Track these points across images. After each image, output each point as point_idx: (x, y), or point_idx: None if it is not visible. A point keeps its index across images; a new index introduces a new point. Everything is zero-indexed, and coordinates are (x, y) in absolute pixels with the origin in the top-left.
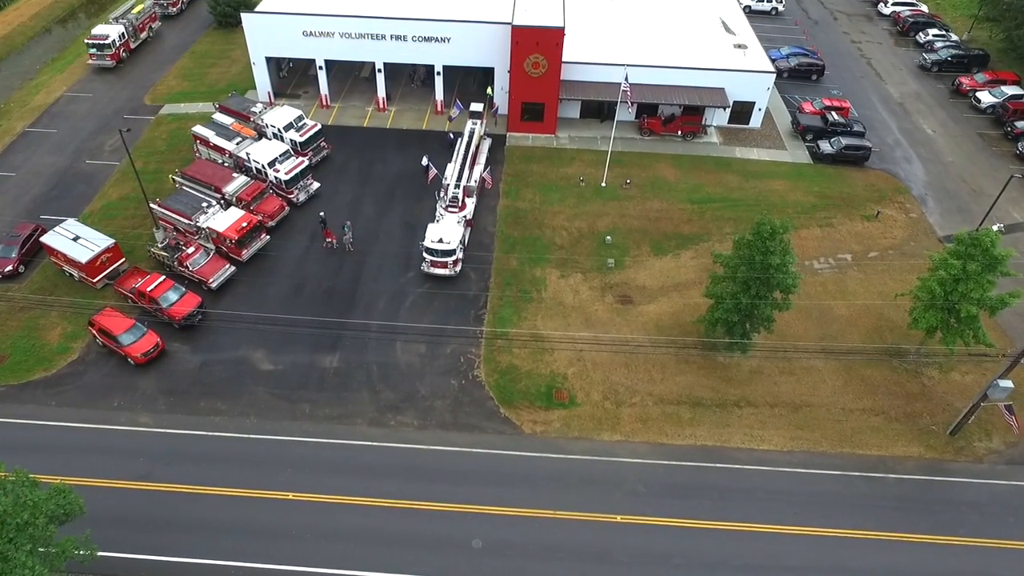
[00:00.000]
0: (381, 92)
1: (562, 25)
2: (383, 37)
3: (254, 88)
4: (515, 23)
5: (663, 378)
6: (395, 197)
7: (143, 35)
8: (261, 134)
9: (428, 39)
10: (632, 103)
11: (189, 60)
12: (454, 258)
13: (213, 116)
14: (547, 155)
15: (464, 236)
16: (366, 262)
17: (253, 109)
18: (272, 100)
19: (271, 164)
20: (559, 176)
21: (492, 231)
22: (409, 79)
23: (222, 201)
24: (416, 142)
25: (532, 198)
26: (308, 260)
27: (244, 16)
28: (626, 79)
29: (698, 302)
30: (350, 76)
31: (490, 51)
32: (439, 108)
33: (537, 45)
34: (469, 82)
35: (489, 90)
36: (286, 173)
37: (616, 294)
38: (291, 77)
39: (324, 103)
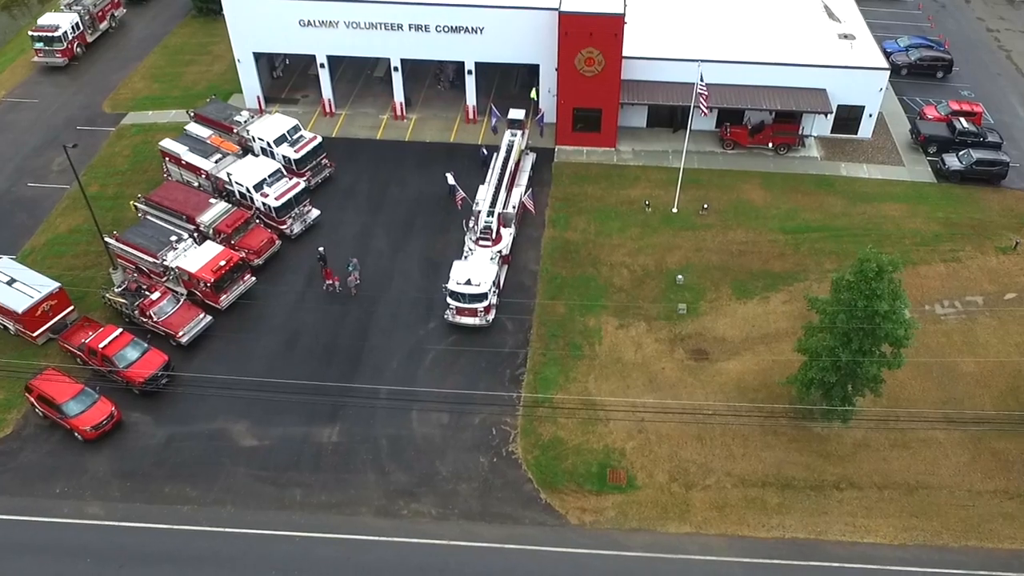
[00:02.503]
0: (399, 96)
1: (622, 12)
2: (400, 27)
3: (240, 92)
4: (563, 9)
5: (745, 453)
6: (414, 227)
7: (103, 25)
8: (246, 149)
9: (456, 29)
10: (710, 108)
11: (160, 56)
12: (486, 304)
13: (186, 128)
14: (605, 174)
15: (499, 276)
16: (376, 310)
17: (237, 118)
18: (262, 107)
19: (258, 187)
20: (619, 200)
21: (534, 269)
22: (435, 79)
23: (196, 234)
24: (441, 158)
25: (585, 228)
26: (303, 307)
27: (226, 1)
28: (701, 79)
29: (790, 358)
30: (360, 76)
31: (533, 44)
32: (471, 116)
33: (591, 37)
34: (508, 83)
35: (533, 93)
36: (277, 198)
37: (688, 348)
38: (286, 77)
39: (328, 110)
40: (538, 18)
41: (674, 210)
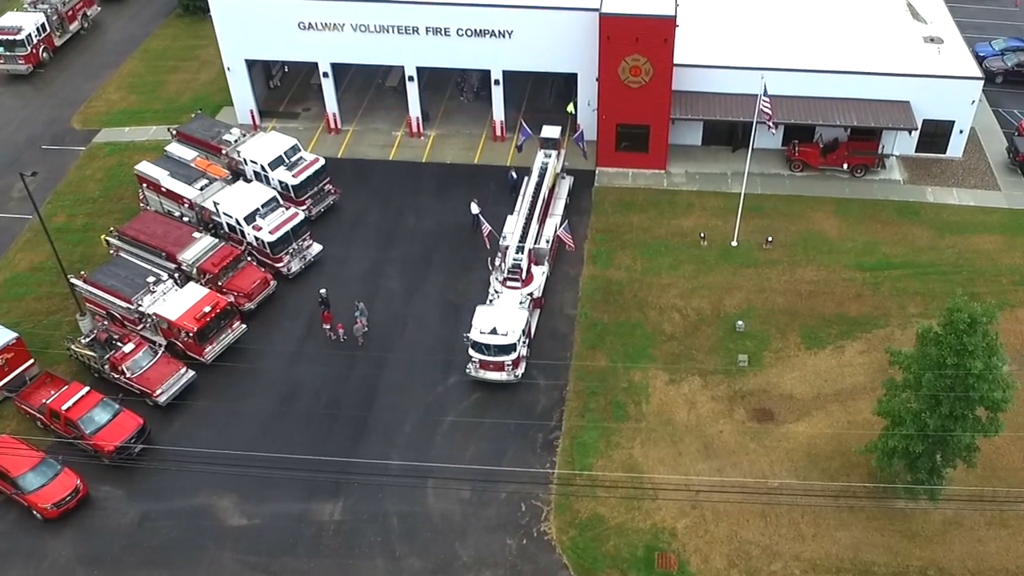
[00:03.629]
0: (414, 110)
1: (672, 13)
2: (415, 31)
3: (231, 104)
4: (605, 10)
5: (816, 534)
6: (431, 265)
7: (73, 27)
8: (237, 174)
9: (481, 33)
10: (774, 124)
11: (140, 62)
12: (514, 356)
13: (167, 148)
14: (653, 200)
15: (529, 324)
16: (386, 362)
17: (226, 137)
18: (256, 123)
19: (250, 219)
20: (670, 231)
21: (571, 314)
22: (457, 90)
23: (177, 274)
24: (464, 183)
25: (631, 265)
26: (302, 360)
27: (213, 1)
28: (764, 91)
29: (868, 419)
30: (370, 86)
31: (570, 50)
32: (498, 133)
33: (637, 42)
34: (541, 95)
35: (570, 107)
36: (272, 232)
37: (750, 407)
38: (285, 88)
39: (333, 126)
40: (575, 20)
41: (733, 243)
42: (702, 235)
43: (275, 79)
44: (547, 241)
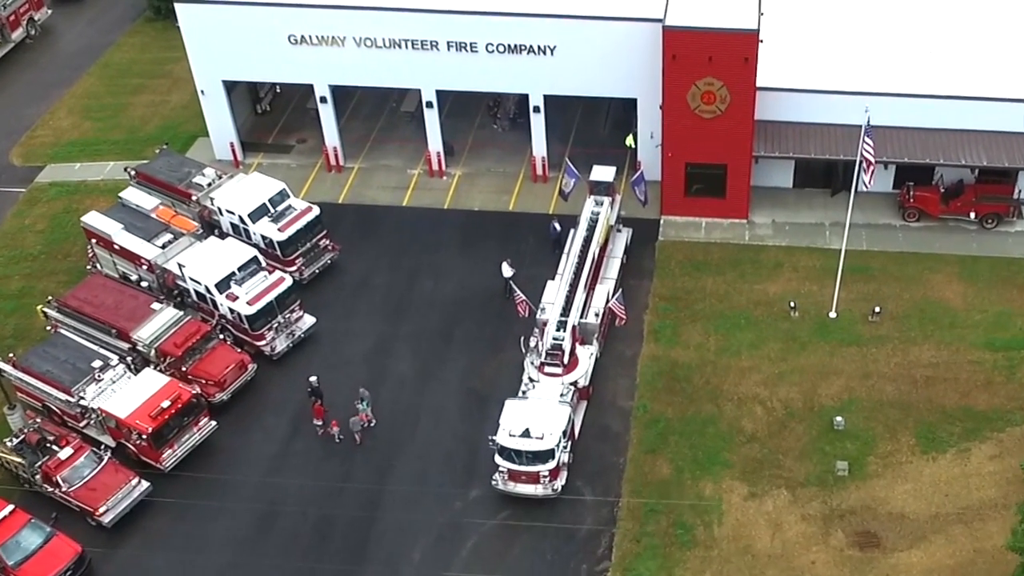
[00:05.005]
0: (435, 143)
1: (755, 26)
2: (435, 46)
3: (206, 135)
4: (669, 22)
5: None
6: (452, 342)
7: (16, 34)
8: (210, 226)
9: (517, 49)
10: (873, 166)
11: (98, 80)
12: (552, 465)
13: (121, 195)
14: (732, 258)
15: (573, 422)
16: (392, 470)
17: (198, 179)
18: (238, 158)
19: (223, 285)
20: (752, 299)
21: (626, 407)
22: (489, 116)
23: (132, 357)
24: (495, 235)
25: (702, 342)
26: (285, 467)
27: (180, 8)
28: (867, 128)
29: (998, 544)
30: (381, 112)
31: (627, 71)
32: (539, 171)
33: (711, 62)
34: (593, 124)
35: (629, 139)
36: (251, 302)
37: (851, 530)
38: (275, 113)
39: (333, 162)
40: (633, 33)
41: (832, 314)
42: (792, 304)
43: (264, 103)
44: (596, 314)
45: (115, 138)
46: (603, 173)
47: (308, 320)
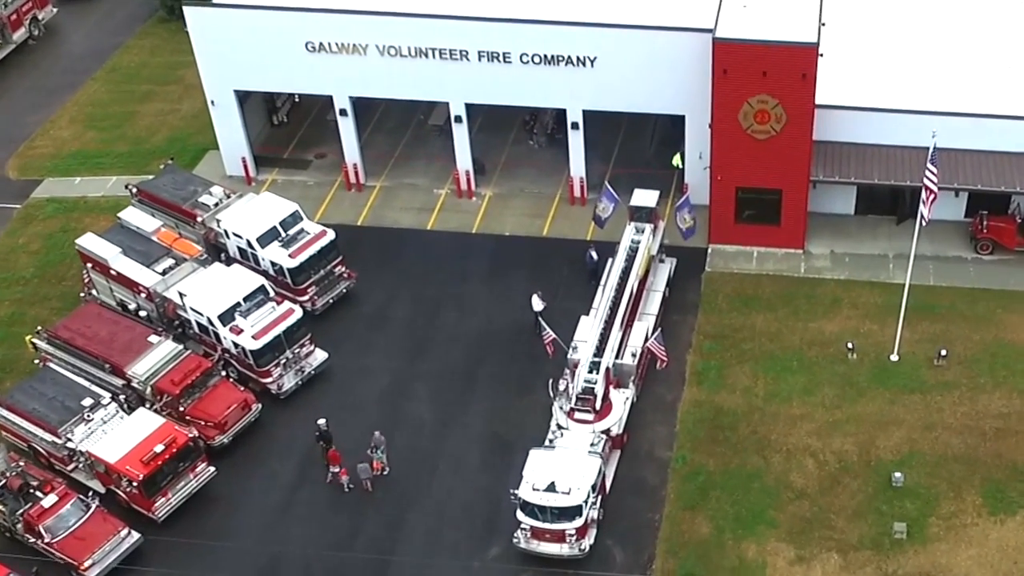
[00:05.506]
0: (464, 161)
1: (815, 40)
2: (464, 56)
3: (217, 148)
4: (720, 34)
5: None
6: (475, 383)
7: (18, 35)
8: (216, 250)
9: (554, 60)
10: (935, 196)
11: (103, 86)
12: (579, 523)
13: (120, 215)
14: (785, 293)
15: (604, 474)
16: (405, 523)
17: (204, 199)
18: (250, 175)
19: (227, 317)
20: (807, 338)
21: (664, 458)
22: (525, 131)
23: (125, 395)
24: (527, 263)
25: (750, 386)
26: (290, 518)
27: (189, 12)
28: (932, 155)
29: None
30: (408, 126)
31: (674, 85)
32: (576, 193)
33: (764, 77)
34: (638, 142)
35: (676, 159)
36: (256, 336)
37: None
38: (294, 125)
39: (353, 180)
40: (680, 44)
41: (893, 357)
42: (850, 345)
43: (280, 113)
44: (634, 354)
45: (119, 150)
46: (645, 198)
47: (319, 356)
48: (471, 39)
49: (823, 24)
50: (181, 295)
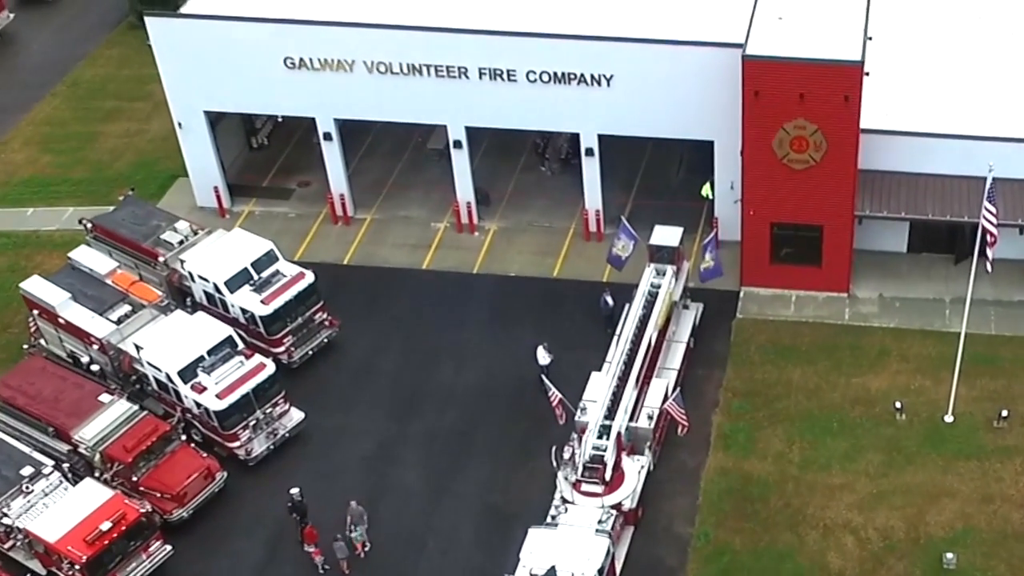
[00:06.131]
0: (465, 191)
1: (859, 58)
2: (464, 73)
3: (186, 175)
4: (750, 51)
5: None
6: (472, 446)
7: None
8: (182, 294)
9: (564, 79)
10: (996, 239)
11: (64, 102)
12: None
13: (72, 256)
14: (826, 343)
15: (612, 556)
16: None
17: (167, 235)
18: (224, 206)
19: (187, 373)
20: (850, 396)
21: (683, 535)
22: (538, 156)
23: (70, 462)
24: (534, 308)
25: (783, 451)
26: None
27: (152, 22)
28: (988, 191)
29: None
30: (404, 150)
31: (699, 107)
32: (592, 227)
33: (802, 101)
34: (662, 170)
35: (706, 189)
36: (220, 395)
37: None
38: (275, 149)
39: (340, 212)
40: (706, 61)
41: (947, 418)
42: (898, 404)
43: (260, 135)
44: (651, 417)
45: (77, 177)
46: (666, 235)
47: (295, 416)
48: (471, 55)
49: (870, 38)
50: (137, 347)
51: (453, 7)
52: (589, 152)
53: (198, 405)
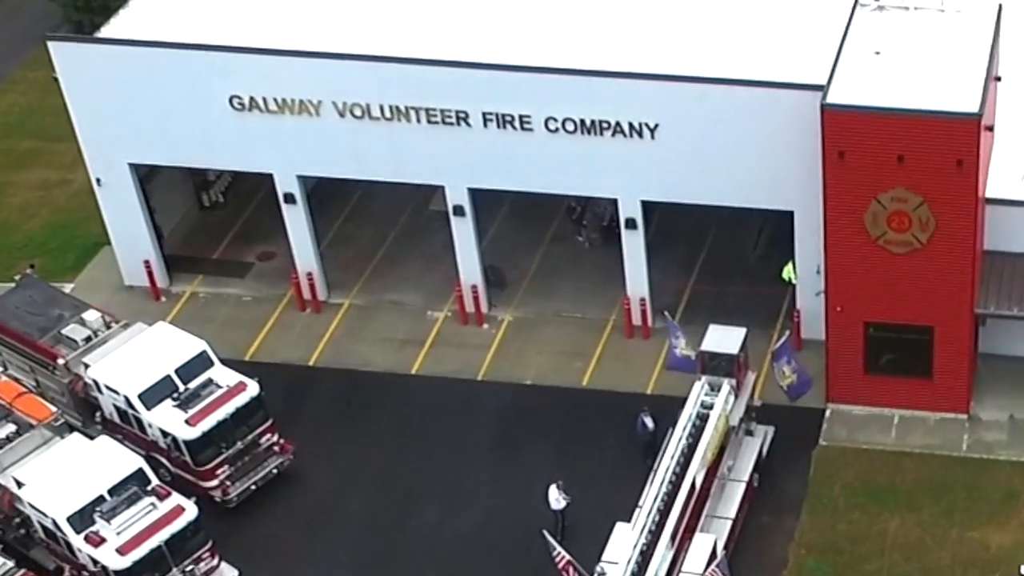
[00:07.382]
0: (470, 271)
1: (977, 110)
2: (465, 119)
3: (108, 243)
4: (831, 99)
5: None
6: None
7: None
8: (89, 408)
9: (596, 129)
10: None
11: None
12: None
13: None
14: (936, 481)
15: None
16: None
17: (70, 328)
18: (158, 285)
19: (81, 520)
20: (963, 556)
21: None
22: (572, 222)
23: None
24: (552, 430)
25: None
26: None
27: (56, 48)
28: None
29: None
30: (401, 212)
31: (771, 167)
32: (636, 320)
33: (902, 164)
34: (734, 246)
35: (787, 271)
36: (122, 549)
37: None
38: (233, 209)
39: (307, 296)
40: (779, 109)
41: None
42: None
43: (214, 190)
44: None
45: None
46: (723, 339)
47: (227, 574)
48: (473, 95)
49: (998, 78)
50: (18, 483)
51: (450, 34)
52: (630, 224)
53: (95, 562)
